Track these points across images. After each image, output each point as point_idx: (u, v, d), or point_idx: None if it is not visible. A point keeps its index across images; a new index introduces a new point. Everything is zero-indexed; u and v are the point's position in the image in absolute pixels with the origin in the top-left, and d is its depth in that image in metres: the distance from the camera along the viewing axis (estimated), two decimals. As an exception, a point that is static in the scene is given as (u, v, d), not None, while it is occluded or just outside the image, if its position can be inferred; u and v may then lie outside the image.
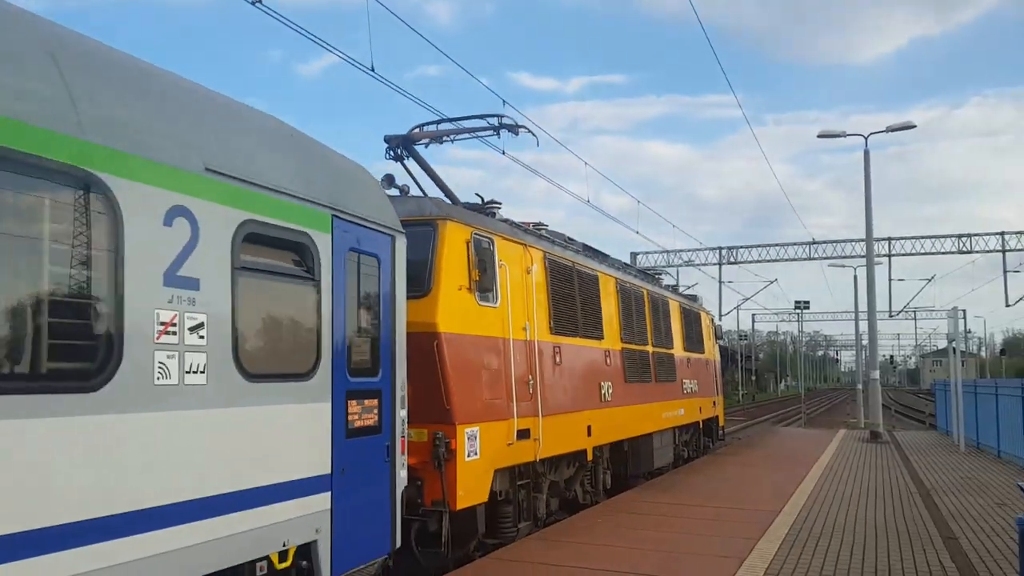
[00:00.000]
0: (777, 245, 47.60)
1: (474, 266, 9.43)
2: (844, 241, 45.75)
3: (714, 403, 22.81)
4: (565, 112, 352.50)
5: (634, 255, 48.14)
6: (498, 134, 11.40)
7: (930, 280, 56.33)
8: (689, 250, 48.30)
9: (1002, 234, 43.15)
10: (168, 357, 4.90)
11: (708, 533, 10.70)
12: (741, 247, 47.96)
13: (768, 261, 47.70)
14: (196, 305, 5.11)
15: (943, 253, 44.30)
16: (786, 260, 47.25)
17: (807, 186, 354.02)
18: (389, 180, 9.66)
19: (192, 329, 5.08)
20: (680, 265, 48.20)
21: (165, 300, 4.89)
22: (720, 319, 47.75)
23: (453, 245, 9.21)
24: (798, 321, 69.39)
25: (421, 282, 8.79)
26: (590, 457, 12.70)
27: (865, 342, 34.79)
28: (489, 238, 9.95)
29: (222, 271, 5.37)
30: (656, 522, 11.44)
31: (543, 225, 12.72)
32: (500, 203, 11.05)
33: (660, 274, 20.92)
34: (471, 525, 9.36)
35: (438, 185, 10.77)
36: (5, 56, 4.24)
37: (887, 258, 44.68)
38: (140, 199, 4.76)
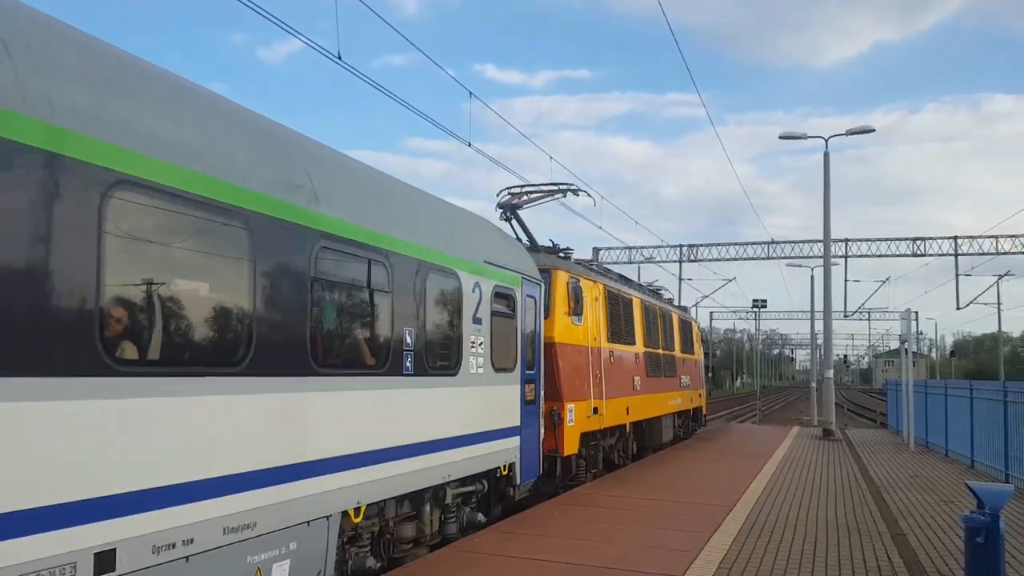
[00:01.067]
0: (737, 244, 48.27)
1: (571, 298, 13.96)
2: (802, 242, 46.49)
3: (700, 395, 26.97)
4: (530, 106, 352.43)
5: (596, 250, 48.36)
6: (565, 195, 16.03)
7: (885, 282, 57.53)
8: (651, 247, 48.70)
9: (955, 238, 44.13)
10: (473, 359, 9.75)
11: (664, 526, 10.83)
12: (701, 245, 48.50)
13: (728, 260, 48.29)
14: (480, 332, 9.96)
15: (898, 256, 45.23)
16: (745, 259, 47.86)
17: (768, 187, 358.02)
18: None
19: (479, 344, 9.94)
20: (642, 262, 48.56)
21: (473, 330, 9.77)
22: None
23: (559, 285, 13.78)
24: (755, 319, 70.30)
25: (544, 309, 12.95)
26: (628, 430, 17.74)
27: (820, 341, 35.35)
28: (577, 279, 14.46)
29: (488, 314, 10.22)
30: (612, 515, 11.55)
31: (593, 261, 18.34)
32: (572, 249, 15.86)
33: (662, 289, 24.22)
34: (568, 468, 14.13)
35: (529, 238, 15.08)
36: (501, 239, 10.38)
37: (844, 259, 45.45)
38: (466, 279, 9.62)
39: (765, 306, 59.86)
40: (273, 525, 6.23)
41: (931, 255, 44.84)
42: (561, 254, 15.17)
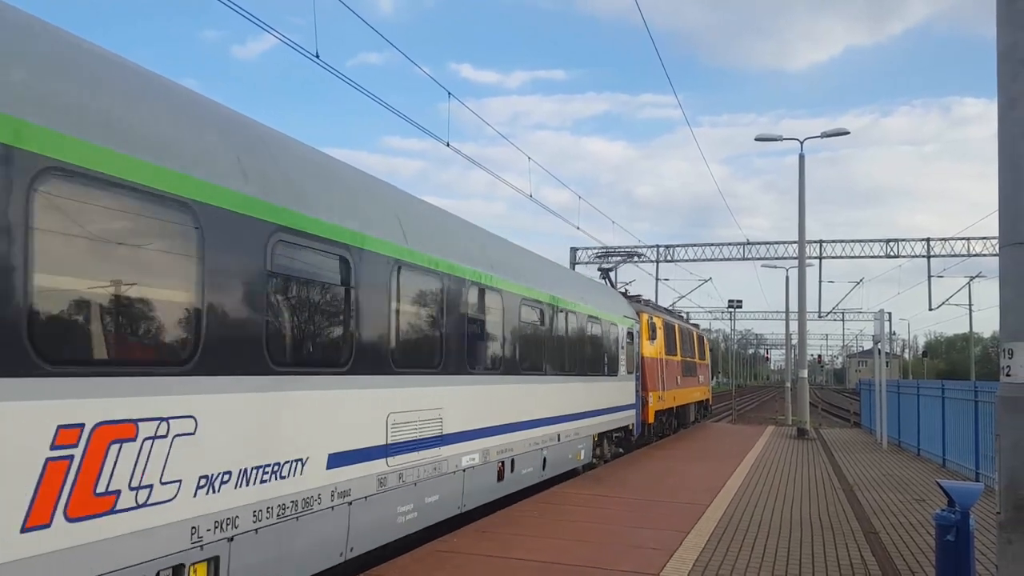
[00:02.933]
0: (713, 245, 48.47)
1: (649, 330, 22.86)
2: (777, 243, 46.80)
3: (709, 389, 37.87)
4: (507, 106, 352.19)
5: (574, 250, 48.44)
6: (632, 258, 27.63)
7: (859, 283, 58.19)
8: (628, 247, 48.82)
9: (927, 240, 44.64)
10: (622, 367, 19.15)
11: (639, 525, 10.85)
12: (678, 246, 48.69)
13: (704, 260, 48.52)
14: (623, 352, 19.28)
15: (872, 257, 45.67)
16: (721, 260, 48.14)
17: (740, 188, 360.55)
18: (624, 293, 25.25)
19: (623, 359, 19.20)
20: (619, 261, 48.66)
21: (620, 351, 19.12)
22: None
23: (644, 322, 22.48)
24: (731, 319, 70.79)
25: (636, 338, 21.47)
26: (674, 411, 27.25)
27: (795, 341, 35.61)
28: (651, 316, 23.52)
29: (624, 342, 19.48)
30: (589, 514, 11.55)
31: (650, 300, 28.85)
32: (641, 294, 27.73)
33: (685, 312, 38.02)
34: (648, 432, 23.18)
35: (613, 287, 23.87)
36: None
37: (818, 260, 45.87)
38: (619, 325, 19.23)
39: (741, 306, 60.31)
40: (581, 434, 15.86)
41: (904, 256, 45.37)
42: (640, 300, 25.42)
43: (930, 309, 48.24)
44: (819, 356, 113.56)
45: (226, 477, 5.96)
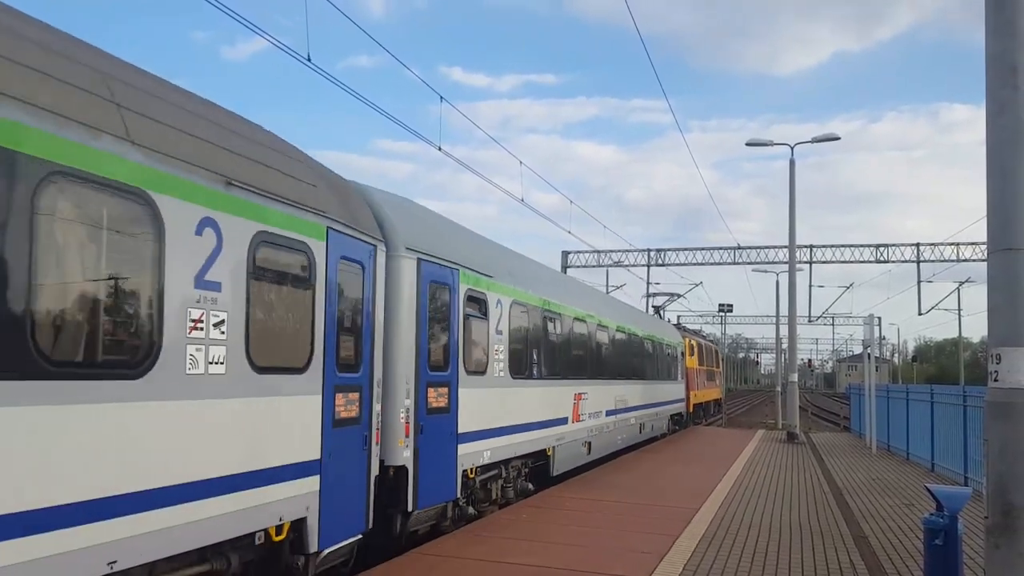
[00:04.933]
0: (704, 249, 48.58)
1: (689, 348, 34.11)
2: (768, 247, 46.94)
3: (722, 390, 50.24)
4: (498, 110, 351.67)
5: (566, 254, 48.52)
6: (676, 297, 41.36)
7: (848, 288, 58.30)
8: (619, 251, 48.98)
9: (917, 245, 44.84)
10: (678, 373, 30.35)
11: (629, 529, 10.86)
12: (669, 250, 48.81)
13: (695, 264, 48.64)
14: (679, 363, 31.03)
15: (861, 262, 45.88)
16: (712, 264, 48.24)
17: (730, 192, 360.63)
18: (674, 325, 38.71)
19: (680, 368, 31.18)
20: (610, 265, 48.81)
21: (679, 363, 31.12)
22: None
23: (687, 344, 33.79)
24: (722, 323, 70.93)
25: (683, 355, 32.42)
26: (702, 405, 38.54)
27: (785, 346, 35.73)
28: (691, 340, 36.21)
29: (681, 356, 31.54)
30: (578, 518, 11.56)
31: (686, 327, 43.86)
32: (680, 322, 45.28)
33: (701, 329, 47.66)
34: (688, 418, 33.50)
35: (658, 315, 37.06)
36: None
37: (808, 265, 46.05)
38: (677, 347, 31.04)
39: (731, 310, 60.42)
40: (661, 415, 26.49)
41: (894, 261, 45.55)
42: (682, 328, 39.14)
43: (920, 314, 48.43)
44: (809, 360, 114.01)
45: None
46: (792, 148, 29.92)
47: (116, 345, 5.20)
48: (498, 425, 11.81)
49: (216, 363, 5.94)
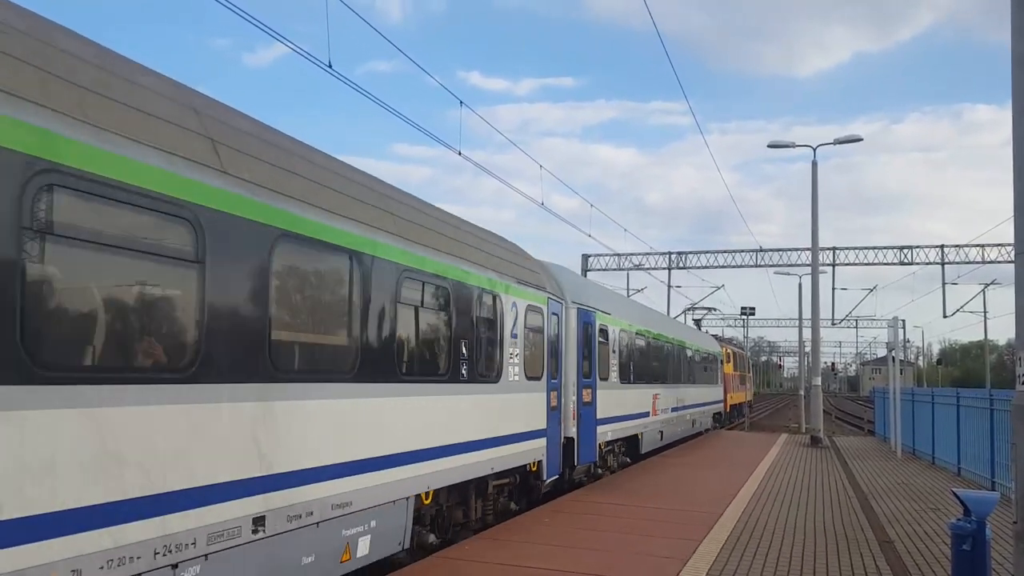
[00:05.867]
0: (725, 252, 48.32)
1: (726, 356, 39.20)
2: (790, 249, 46.61)
3: (750, 393, 53.13)
4: (516, 113, 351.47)
5: (586, 257, 48.46)
6: (710, 311, 52.64)
7: (872, 290, 57.82)
8: (639, 254, 48.83)
9: (941, 247, 44.38)
10: (717, 378, 35.18)
11: (651, 534, 10.81)
12: (690, 253, 48.61)
13: (716, 267, 48.36)
14: (718, 371, 35.75)
15: (885, 264, 45.45)
16: (734, 267, 47.97)
17: (751, 194, 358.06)
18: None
19: (719, 373, 36.27)
20: (630, 268, 48.66)
21: (718, 370, 35.90)
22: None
23: (724, 352, 38.93)
24: (744, 327, 70.58)
25: (722, 363, 37.68)
26: (737, 406, 44.69)
27: (808, 349, 35.46)
28: (728, 349, 41.78)
29: (721, 366, 36.89)
30: (600, 522, 11.52)
31: (722, 337, 55.92)
32: (719, 333, 62.09)
33: (733, 338, 57.24)
34: (725, 417, 38.84)
35: (698, 328, 42.68)
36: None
37: (831, 267, 45.66)
38: (716, 356, 35.93)
39: (753, 313, 60.12)
40: (707, 413, 31.52)
41: (918, 263, 45.13)
42: (721, 339, 46.55)
43: (944, 316, 47.98)
44: (832, 364, 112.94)
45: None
46: (815, 150, 29.64)
47: (490, 365, 10.71)
48: (615, 415, 16.98)
49: (516, 375, 11.50)
